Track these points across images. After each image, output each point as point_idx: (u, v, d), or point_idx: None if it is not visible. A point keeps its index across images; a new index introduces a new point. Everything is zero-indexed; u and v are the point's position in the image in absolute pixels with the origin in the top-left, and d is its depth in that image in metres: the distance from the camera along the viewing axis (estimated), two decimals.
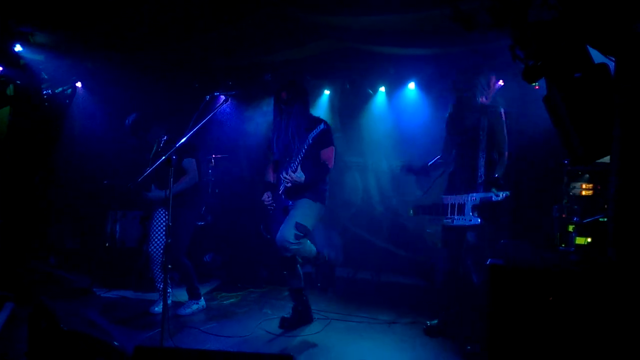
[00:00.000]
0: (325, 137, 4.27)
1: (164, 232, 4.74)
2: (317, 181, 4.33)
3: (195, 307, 4.94)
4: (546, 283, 2.25)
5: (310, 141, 4.12)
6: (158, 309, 4.79)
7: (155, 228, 4.83)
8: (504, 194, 3.82)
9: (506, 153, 4.10)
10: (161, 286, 4.77)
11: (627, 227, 2.10)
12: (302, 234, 4.19)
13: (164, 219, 4.79)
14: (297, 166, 4.14)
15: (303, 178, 4.16)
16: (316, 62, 6.35)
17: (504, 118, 4.14)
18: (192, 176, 4.81)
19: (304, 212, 4.26)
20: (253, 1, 4.60)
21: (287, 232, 4.13)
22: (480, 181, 4.00)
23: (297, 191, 4.29)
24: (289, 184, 4.19)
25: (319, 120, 4.32)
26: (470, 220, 3.90)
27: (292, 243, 4.13)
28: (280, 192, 4.36)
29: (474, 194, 3.94)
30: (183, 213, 4.75)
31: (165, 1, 4.62)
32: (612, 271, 2.16)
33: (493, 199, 3.82)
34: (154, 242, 4.79)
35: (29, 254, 5.96)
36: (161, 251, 4.70)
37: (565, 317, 2.19)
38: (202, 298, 5.04)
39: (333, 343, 4.23)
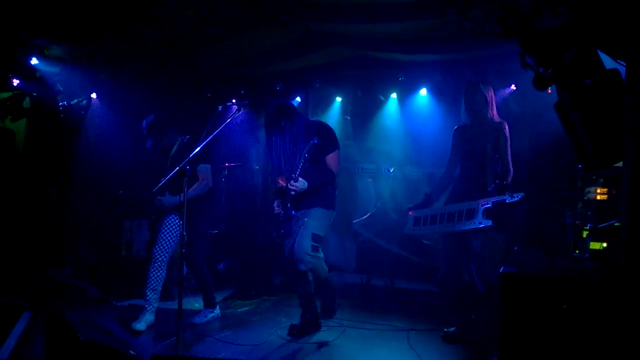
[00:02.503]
0: (328, 143, 4.33)
1: (172, 237, 4.72)
2: (323, 186, 4.37)
3: (210, 315, 4.94)
4: (560, 291, 2.24)
5: (306, 155, 4.15)
6: (140, 325, 4.58)
7: (164, 231, 4.75)
8: (519, 195, 3.87)
9: (511, 168, 4.18)
10: (150, 295, 4.66)
11: (639, 232, 2.09)
12: (318, 245, 4.27)
13: (174, 224, 4.75)
14: (297, 176, 4.17)
15: (306, 185, 4.21)
16: (327, 69, 6.37)
17: (507, 133, 4.21)
18: (206, 182, 4.77)
19: (318, 222, 4.32)
20: (264, 10, 4.63)
21: (305, 243, 4.20)
22: (490, 189, 4.01)
23: (305, 199, 4.33)
24: (294, 193, 4.22)
25: (315, 126, 4.41)
26: (481, 223, 3.89)
27: (310, 255, 4.19)
28: (287, 200, 4.36)
29: (486, 199, 3.94)
30: (198, 220, 4.75)
31: (177, 12, 4.67)
32: (626, 277, 2.14)
33: (507, 200, 3.85)
34: (160, 245, 4.71)
35: (46, 264, 6.02)
36: (166, 255, 4.67)
37: (580, 325, 2.18)
38: (218, 307, 5.05)
39: (347, 351, 4.22)
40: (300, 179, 4.18)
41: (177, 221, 4.77)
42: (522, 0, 2.29)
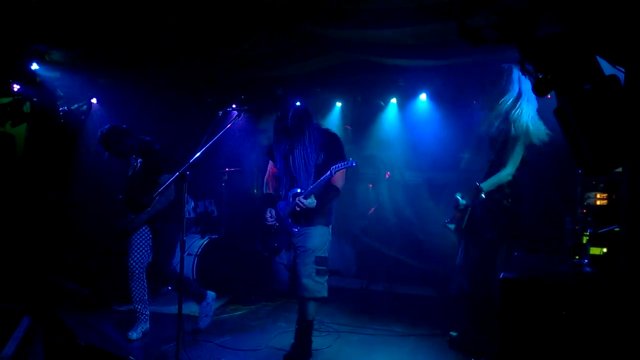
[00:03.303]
0: (338, 157, 4.00)
1: (145, 248, 4.60)
2: (327, 204, 4.10)
3: (208, 308, 4.80)
4: (559, 296, 2.24)
5: (333, 174, 3.85)
6: (136, 334, 4.53)
7: (136, 244, 4.60)
8: (455, 200, 3.77)
9: (508, 167, 3.90)
10: (139, 307, 4.59)
11: (639, 237, 2.09)
12: (325, 267, 4.02)
13: (145, 235, 4.62)
14: (309, 194, 3.92)
15: (315, 204, 3.95)
16: (327, 74, 6.39)
17: (517, 134, 3.87)
18: (167, 194, 4.56)
19: (321, 243, 4.03)
20: (264, 15, 4.65)
21: (310, 269, 3.94)
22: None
23: (305, 216, 4.05)
24: (299, 209, 3.95)
25: (326, 137, 4.09)
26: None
27: (314, 281, 3.95)
28: (285, 213, 4.12)
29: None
30: (166, 228, 4.65)
31: (177, 18, 4.68)
32: (626, 282, 2.14)
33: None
34: (134, 257, 4.58)
35: (46, 268, 6.02)
36: (142, 267, 4.58)
37: (579, 330, 2.17)
38: (207, 292, 4.86)
39: (347, 356, 4.22)
40: (312, 196, 3.92)
41: (147, 232, 4.65)
42: (521, 6, 2.30)
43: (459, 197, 3.83)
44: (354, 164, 3.85)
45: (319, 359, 4.13)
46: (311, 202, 3.92)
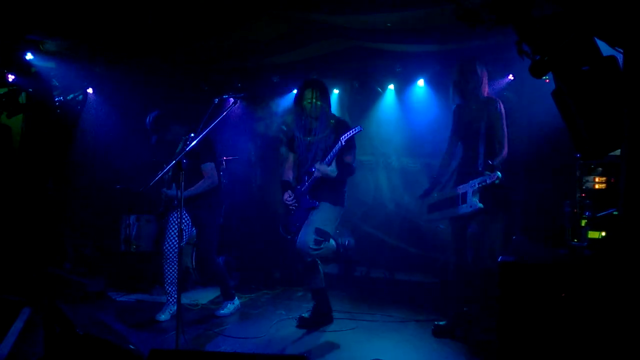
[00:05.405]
0: (353, 140, 4.28)
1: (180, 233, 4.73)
2: (341, 181, 4.35)
3: (231, 306, 4.96)
4: (558, 279, 2.23)
5: (344, 143, 4.12)
6: (164, 316, 4.67)
7: (171, 227, 4.72)
8: (494, 175, 3.79)
9: (506, 146, 4.11)
10: (169, 288, 4.69)
11: (638, 220, 2.08)
12: (322, 239, 4.23)
13: (185, 219, 4.78)
14: (332, 160, 4.15)
15: (336, 173, 4.19)
16: (324, 61, 6.35)
17: (503, 112, 4.14)
18: (210, 181, 4.74)
19: (324, 217, 4.29)
20: (258, 2, 4.61)
21: (307, 237, 4.19)
22: (480, 169, 4.00)
23: (317, 191, 4.30)
24: (319, 175, 4.19)
25: (336, 120, 4.39)
26: (471, 207, 3.89)
27: (313, 249, 4.18)
28: (303, 191, 4.35)
29: (473, 181, 3.94)
30: (205, 215, 4.79)
31: (171, 6, 4.64)
32: (624, 265, 2.14)
33: (487, 181, 3.80)
34: (168, 241, 4.69)
35: (44, 260, 6.01)
36: (175, 251, 4.64)
37: (579, 313, 2.18)
38: (236, 297, 5.06)
39: (346, 342, 4.22)
40: (333, 163, 4.17)
41: (184, 217, 4.78)
42: None
43: (479, 203, 3.87)
44: (361, 129, 4.11)
45: (318, 346, 4.13)
46: (332, 169, 4.16)
